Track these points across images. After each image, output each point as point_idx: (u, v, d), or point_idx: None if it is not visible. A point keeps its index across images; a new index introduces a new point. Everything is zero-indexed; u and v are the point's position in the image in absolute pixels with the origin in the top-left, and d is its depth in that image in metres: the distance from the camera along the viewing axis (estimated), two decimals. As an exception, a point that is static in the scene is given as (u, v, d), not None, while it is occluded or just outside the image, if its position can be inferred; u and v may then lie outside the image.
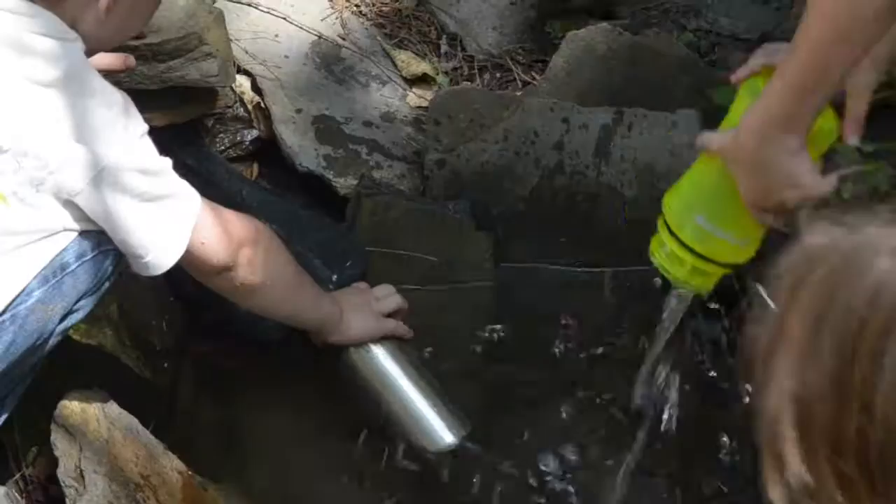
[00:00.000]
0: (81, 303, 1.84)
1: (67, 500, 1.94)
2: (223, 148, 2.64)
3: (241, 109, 2.67)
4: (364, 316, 2.18)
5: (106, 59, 2.04)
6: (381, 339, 2.20)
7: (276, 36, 2.79)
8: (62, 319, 1.84)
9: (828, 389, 0.92)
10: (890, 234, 0.95)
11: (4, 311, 1.76)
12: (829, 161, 2.49)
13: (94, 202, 1.74)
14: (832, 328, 0.93)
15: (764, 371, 0.96)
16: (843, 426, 0.92)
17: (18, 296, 1.77)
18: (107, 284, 1.87)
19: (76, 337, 2.14)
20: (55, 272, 1.78)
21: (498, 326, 2.42)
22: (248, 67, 2.71)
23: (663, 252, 1.89)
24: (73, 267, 1.79)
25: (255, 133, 2.67)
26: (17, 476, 2.03)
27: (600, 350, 2.40)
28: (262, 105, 2.66)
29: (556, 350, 2.40)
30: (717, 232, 1.83)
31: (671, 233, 1.87)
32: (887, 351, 0.90)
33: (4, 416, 1.94)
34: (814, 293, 0.95)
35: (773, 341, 0.96)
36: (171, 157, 1.84)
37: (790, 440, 0.94)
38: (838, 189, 2.44)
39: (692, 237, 1.85)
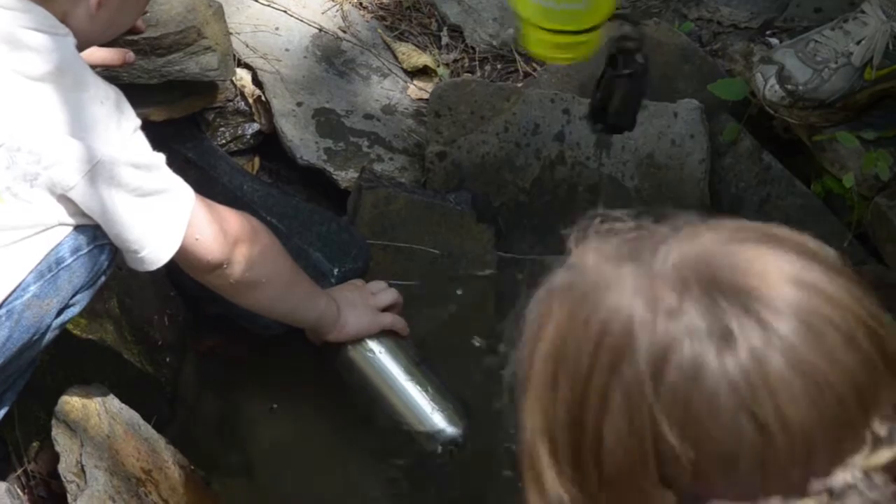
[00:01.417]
0: (77, 297, 1.84)
1: (69, 495, 1.94)
2: (224, 142, 2.63)
3: (242, 103, 2.66)
4: (360, 312, 2.17)
5: (105, 55, 2.05)
6: (379, 335, 2.20)
7: (277, 29, 2.78)
8: (59, 314, 1.84)
9: (567, 421, 1.02)
10: (618, 271, 1.02)
11: (0, 307, 1.76)
12: (830, 150, 2.49)
13: (89, 197, 1.74)
14: (566, 370, 1.02)
15: (522, 396, 1.06)
16: (582, 454, 1.02)
17: (14, 291, 1.77)
18: (103, 279, 1.87)
19: (77, 332, 2.14)
20: (51, 267, 1.78)
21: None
22: (248, 61, 2.70)
23: (529, 40, 1.91)
24: (68, 261, 1.79)
25: (255, 127, 2.66)
26: (19, 472, 2.03)
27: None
28: (263, 98, 2.65)
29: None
30: (556, 5, 1.84)
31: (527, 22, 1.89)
32: (613, 389, 0.99)
33: (4, 411, 1.94)
34: (553, 336, 1.04)
35: (526, 372, 1.06)
36: (170, 151, 1.84)
37: (545, 463, 1.04)
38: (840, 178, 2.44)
39: (540, 18, 1.86)
